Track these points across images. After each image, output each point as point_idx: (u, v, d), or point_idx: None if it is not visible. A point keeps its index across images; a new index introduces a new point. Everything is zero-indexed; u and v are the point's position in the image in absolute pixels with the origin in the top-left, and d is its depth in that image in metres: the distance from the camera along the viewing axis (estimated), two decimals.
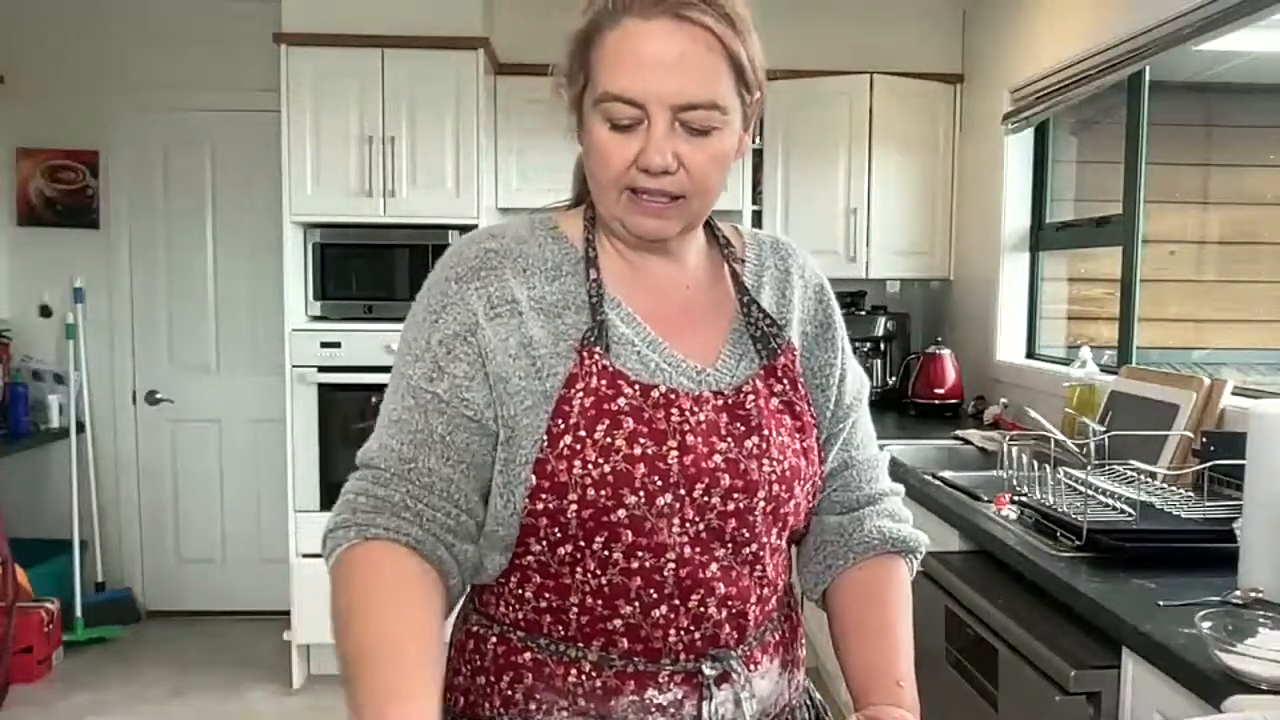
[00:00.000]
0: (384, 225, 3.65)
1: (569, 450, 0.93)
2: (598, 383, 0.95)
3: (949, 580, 2.12)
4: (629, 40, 0.92)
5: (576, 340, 0.97)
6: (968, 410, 3.77)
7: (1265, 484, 1.57)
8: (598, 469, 0.92)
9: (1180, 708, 1.40)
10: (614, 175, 0.95)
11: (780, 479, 0.99)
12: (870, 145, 3.89)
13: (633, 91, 0.91)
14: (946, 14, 4.08)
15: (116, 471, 4.34)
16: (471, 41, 3.56)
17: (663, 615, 0.95)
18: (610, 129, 0.94)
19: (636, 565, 0.94)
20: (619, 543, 0.93)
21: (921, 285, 4.30)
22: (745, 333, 1.05)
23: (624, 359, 0.97)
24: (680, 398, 0.97)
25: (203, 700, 3.61)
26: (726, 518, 0.96)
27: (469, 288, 0.98)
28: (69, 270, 4.21)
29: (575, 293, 1.00)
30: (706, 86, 0.93)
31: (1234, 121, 3.51)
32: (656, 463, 0.93)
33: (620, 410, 0.94)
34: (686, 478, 0.94)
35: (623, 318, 1.00)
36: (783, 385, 1.03)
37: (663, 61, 0.91)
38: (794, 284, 1.11)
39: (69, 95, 4.17)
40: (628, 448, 0.93)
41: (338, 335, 3.61)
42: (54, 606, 3.83)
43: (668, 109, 0.92)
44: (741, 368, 1.02)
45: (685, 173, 0.94)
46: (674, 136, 0.93)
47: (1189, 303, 3.47)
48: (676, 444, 0.94)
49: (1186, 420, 2.34)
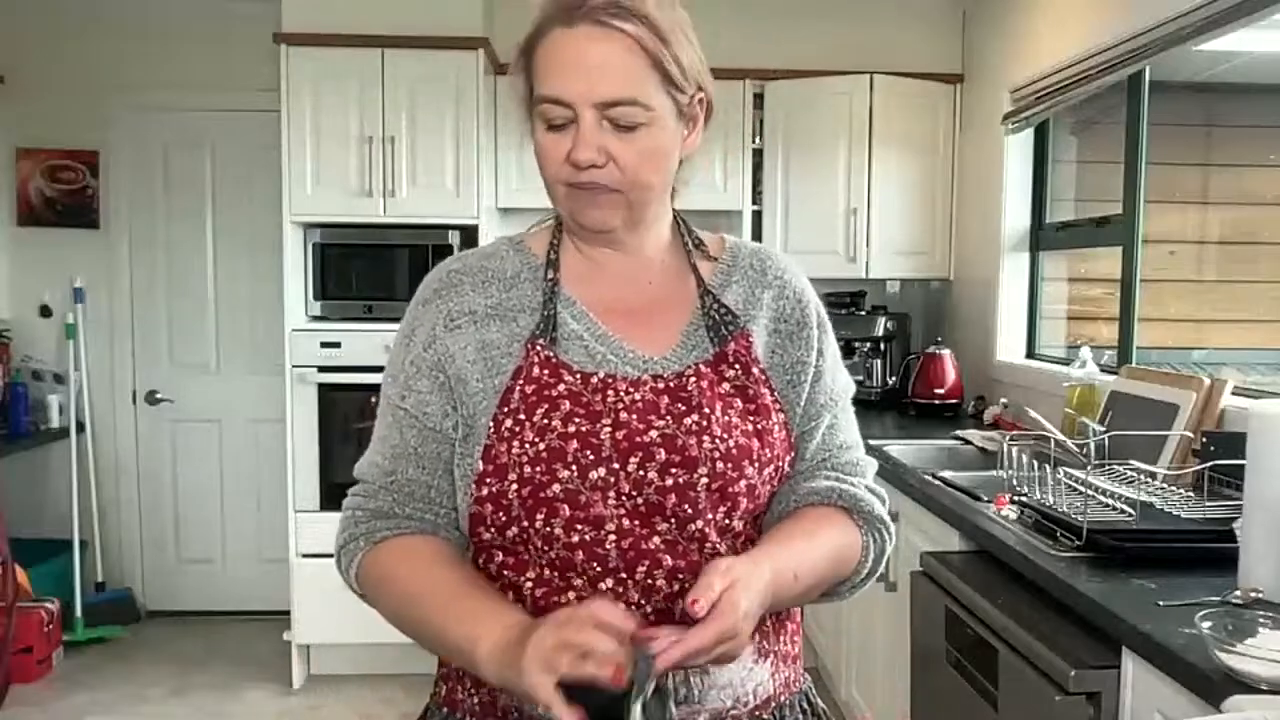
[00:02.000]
0: (384, 225, 3.65)
1: (509, 433, 1.01)
2: (540, 372, 1.03)
3: (949, 580, 2.12)
4: (556, 46, 1.00)
5: (526, 337, 1.05)
6: (968, 410, 3.77)
7: (1265, 484, 1.57)
8: (533, 447, 0.99)
9: (1180, 708, 1.40)
10: (553, 172, 1.04)
11: (725, 456, 1.02)
12: (870, 145, 3.89)
13: (560, 92, 1.00)
14: (946, 14, 4.08)
15: (116, 471, 4.34)
16: (471, 41, 3.56)
17: (609, 588, 0.99)
18: (547, 130, 1.02)
19: (577, 539, 0.99)
20: (558, 518, 0.98)
21: (921, 285, 4.30)
22: (700, 324, 1.10)
23: (570, 352, 1.05)
24: (618, 381, 1.03)
25: (202, 700, 3.61)
26: (666, 493, 1.00)
27: (431, 307, 1.09)
28: (69, 270, 4.21)
29: (531, 296, 1.08)
30: (627, 85, 0.99)
31: (1234, 121, 3.51)
32: (589, 439, 0.99)
33: (559, 395, 1.02)
34: (619, 451, 0.99)
35: (574, 314, 1.08)
36: (735, 370, 1.08)
37: (584, 64, 0.99)
38: (768, 286, 1.15)
39: (69, 95, 4.18)
40: (562, 427, 1.00)
41: (338, 335, 3.61)
42: (54, 606, 3.83)
43: (592, 107, 0.99)
44: (692, 356, 1.08)
45: (615, 166, 1.01)
46: (603, 134, 1.00)
47: (1189, 303, 3.47)
48: (610, 421, 1.01)
49: (1186, 420, 2.34)
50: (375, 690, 3.66)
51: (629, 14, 0.99)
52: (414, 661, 3.62)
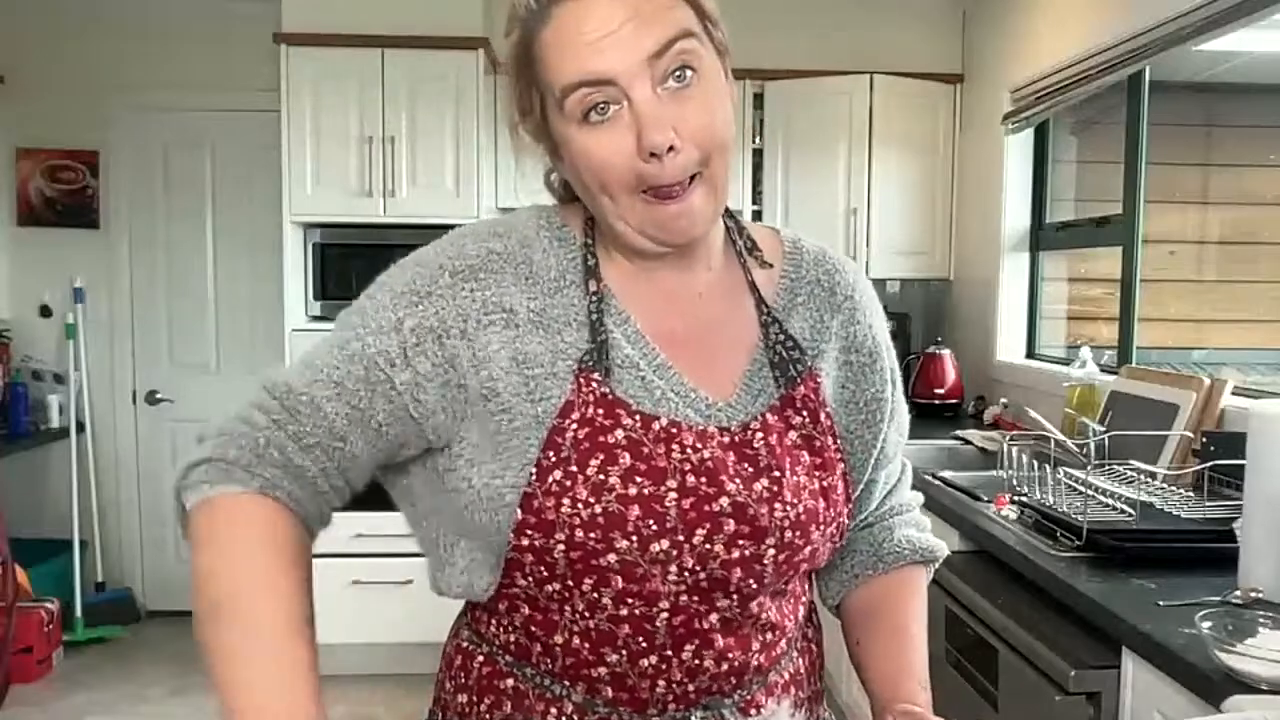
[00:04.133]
0: (384, 225, 3.65)
1: (558, 487, 0.84)
2: (594, 412, 0.85)
3: (949, 580, 2.11)
4: (570, 19, 0.82)
5: (575, 361, 0.87)
6: (968, 410, 3.77)
7: (1265, 484, 1.57)
8: (588, 509, 0.83)
9: (1180, 708, 1.40)
10: (618, 176, 0.83)
11: (794, 524, 0.88)
12: (870, 145, 3.89)
13: (594, 67, 0.81)
14: (946, 14, 4.08)
15: (116, 471, 4.34)
16: (471, 41, 3.56)
17: (651, 665, 0.88)
18: (589, 128, 0.83)
19: (626, 613, 0.86)
20: (608, 588, 0.85)
21: (921, 285, 4.30)
22: (765, 360, 0.93)
23: (626, 384, 0.87)
24: (684, 432, 0.87)
25: (202, 700, 3.60)
26: (731, 567, 0.86)
27: (464, 287, 0.88)
28: (69, 270, 4.21)
29: (577, 306, 0.89)
30: (667, 23, 0.82)
31: (1234, 121, 3.51)
32: (653, 504, 0.84)
33: (617, 444, 0.85)
34: (686, 523, 0.84)
35: (629, 336, 0.89)
36: (801, 418, 0.92)
37: (613, 25, 0.80)
38: (838, 308, 0.98)
39: (69, 95, 4.17)
40: (621, 487, 0.84)
41: None
42: (54, 606, 3.83)
43: (641, 67, 0.81)
44: (758, 402, 0.91)
45: (688, 139, 0.82)
46: (660, 104, 0.81)
47: (1189, 303, 3.47)
48: (676, 484, 0.85)
49: (1186, 420, 2.34)
50: (375, 690, 3.65)
51: None
52: (414, 661, 3.62)
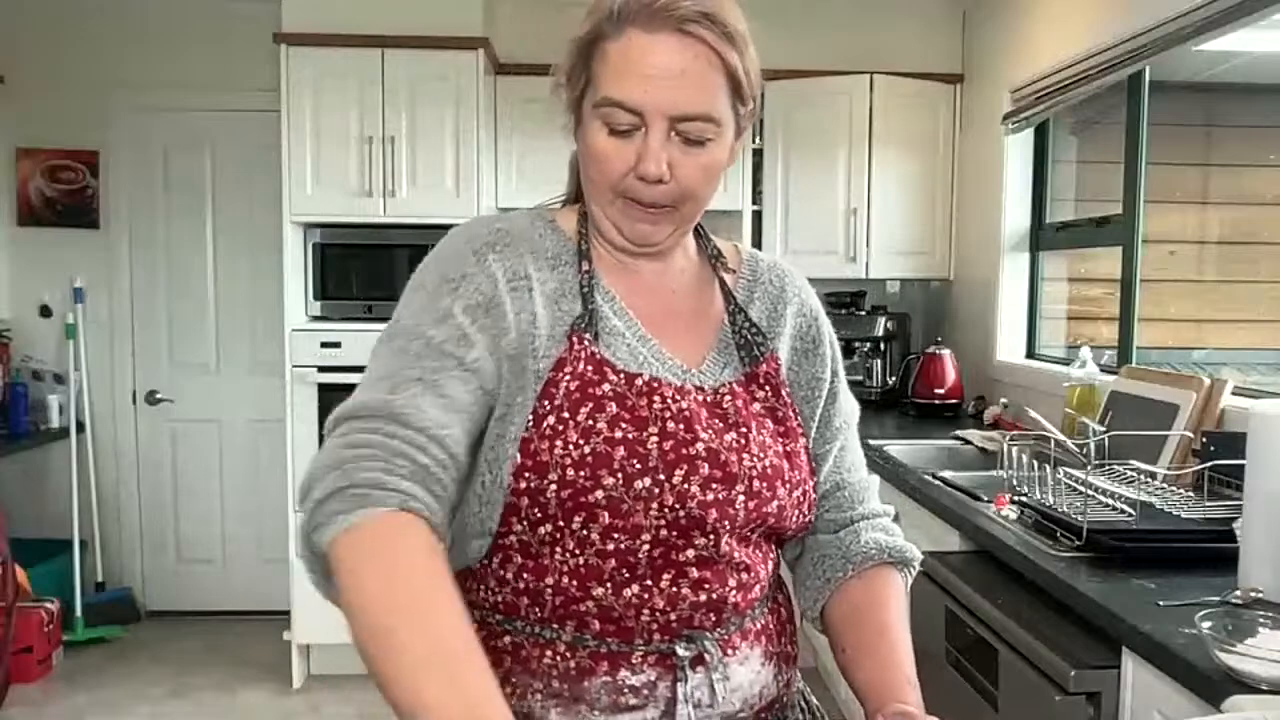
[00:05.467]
0: (384, 225, 3.65)
1: (551, 430, 0.95)
2: (584, 368, 0.98)
3: (949, 580, 2.12)
4: (633, 50, 0.95)
5: (568, 325, 1.00)
6: (968, 410, 3.76)
7: (1265, 484, 1.57)
8: (578, 449, 0.94)
9: (1180, 708, 1.40)
10: (611, 180, 0.99)
11: (761, 475, 1.01)
12: (870, 145, 3.89)
13: (634, 100, 0.95)
14: (946, 14, 4.08)
15: (116, 472, 4.34)
16: (471, 41, 3.56)
17: (635, 595, 0.97)
18: (608, 134, 0.97)
19: (612, 547, 0.96)
20: (596, 523, 0.95)
21: (921, 285, 4.30)
22: (730, 341, 1.08)
23: (613, 348, 1.01)
24: (663, 386, 1.00)
25: (202, 700, 3.61)
26: (707, 508, 0.97)
27: (490, 257, 1.00)
28: (69, 270, 4.21)
29: (571, 282, 1.03)
30: (704, 100, 0.97)
31: (1234, 121, 3.51)
32: (636, 447, 0.96)
33: (604, 395, 0.97)
34: (665, 463, 0.96)
35: (615, 310, 1.04)
36: (765, 392, 1.07)
37: (665, 74, 0.95)
38: (789, 302, 1.14)
39: (69, 95, 4.17)
40: (608, 430, 0.96)
41: (338, 335, 3.61)
42: (54, 606, 3.83)
43: (665, 119, 0.96)
44: (725, 374, 1.06)
45: (676, 181, 0.98)
46: (669, 145, 0.97)
47: (1189, 303, 3.47)
48: (657, 430, 0.97)
49: (1186, 420, 2.34)
50: (375, 690, 3.64)
51: (713, 24, 0.96)
52: None
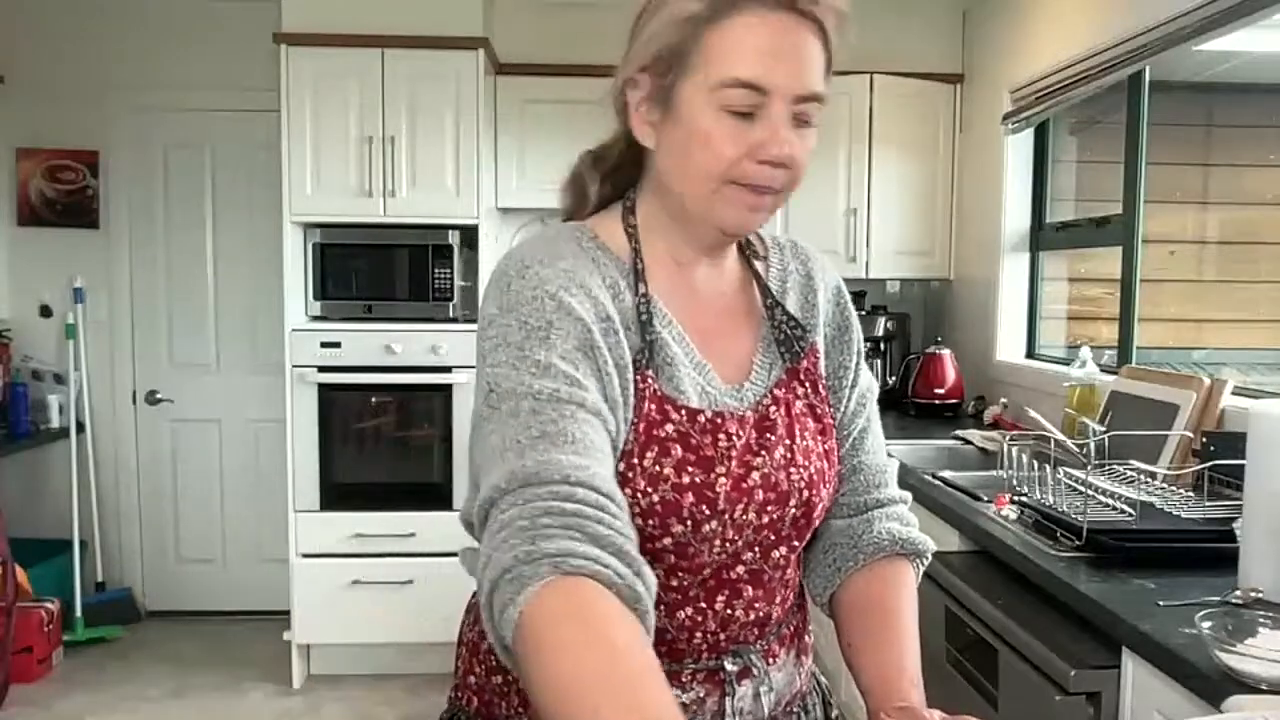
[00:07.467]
0: (384, 225, 3.64)
1: (620, 478, 0.90)
2: (648, 407, 0.94)
3: (949, 580, 2.11)
4: (755, 29, 0.91)
5: (631, 359, 0.94)
6: (968, 410, 3.76)
7: (1265, 484, 1.57)
8: (646, 498, 0.91)
9: (1180, 708, 1.40)
10: (724, 165, 0.92)
11: (809, 484, 1.00)
12: (870, 145, 3.89)
13: (762, 77, 0.91)
14: (946, 14, 4.08)
15: (116, 471, 4.34)
16: (471, 41, 3.56)
17: (688, 617, 0.97)
18: (725, 117, 0.92)
19: (675, 583, 0.95)
20: (660, 564, 0.92)
21: (921, 285, 4.30)
22: (771, 339, 1.05)
23: (675, 380, 0.96)
24: (726, 421, 0.96)
25: (202, 700, 3.61)
26: (760, 530, 0.97)
27: (574, 300, 0.91)
28: (69, 270, 4.21)
29: (629, 312, 0.96)
30: (819, 80, 0.94)
31: (1234, 121, 3.50)
32: (705, 491, 0.93)
33: (668, 437, 0.93)
34: (729, 502, 0.94)
35: (674, 336, 0.98)
36: (805, 388, 1.04)
37: (789, 52, 0.92)
38: (817, 287, 1.10)
39: (69, 95, 4.17)
40: (675, 476, 0.92)
41: (338, 335, 3.61)
42: (54, 606, 3.83)
43: (789, 99, 0.92)
44: (770, 377, 1.03)
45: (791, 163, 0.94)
46: (789, 127, 0.93)
47: (1189, 303, 3.47)
48: (724, 470, 0.94)
49: (1186, 420, 2.34)
50: (375, 690, 3.65)
51: (827, 5, 0.94)
52: (414, 662, 3.63)
